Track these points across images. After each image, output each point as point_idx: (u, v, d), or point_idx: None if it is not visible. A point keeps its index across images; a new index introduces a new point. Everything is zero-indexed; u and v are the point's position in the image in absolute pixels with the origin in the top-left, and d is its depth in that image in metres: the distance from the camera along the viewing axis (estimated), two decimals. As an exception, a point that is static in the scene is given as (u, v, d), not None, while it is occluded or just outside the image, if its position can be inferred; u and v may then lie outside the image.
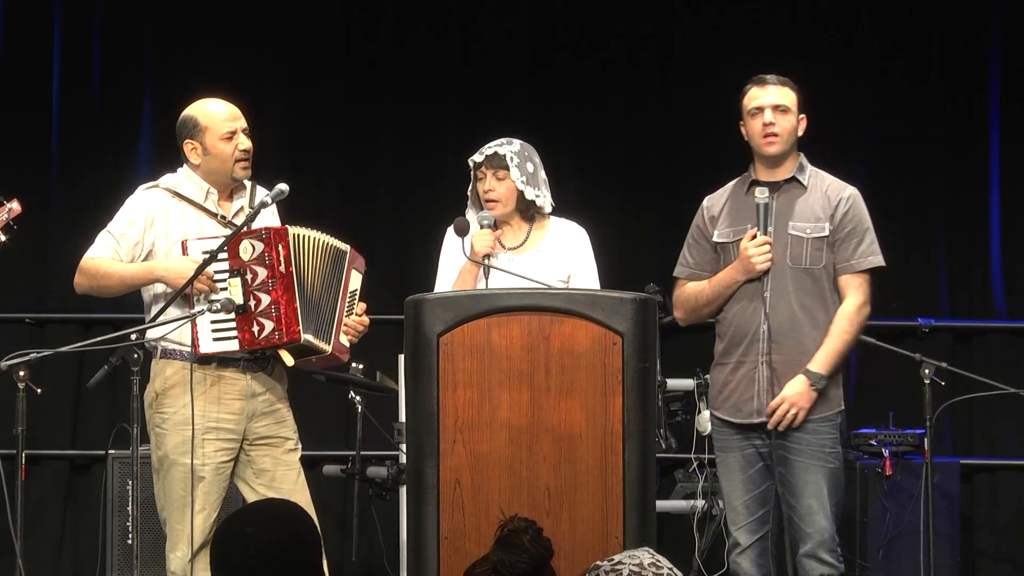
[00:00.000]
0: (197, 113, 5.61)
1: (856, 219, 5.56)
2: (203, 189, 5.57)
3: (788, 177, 5.56)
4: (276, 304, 5.38)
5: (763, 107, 5.54)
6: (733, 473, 5.52)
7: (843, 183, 5.62)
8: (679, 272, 5.70)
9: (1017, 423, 8.13)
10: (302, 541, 3.50)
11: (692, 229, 5.71)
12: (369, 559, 7.72)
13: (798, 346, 5.46)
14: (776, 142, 5.53)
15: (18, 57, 8.36)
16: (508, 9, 8.46)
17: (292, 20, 8.43)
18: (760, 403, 5.45)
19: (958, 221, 8.36)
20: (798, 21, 8.43)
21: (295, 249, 5.43)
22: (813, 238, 5.50)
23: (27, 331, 8.19)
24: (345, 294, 5.57)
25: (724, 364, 5.56)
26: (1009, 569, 8.02)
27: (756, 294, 5.49)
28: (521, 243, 5.65)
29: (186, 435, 5.42)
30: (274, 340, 5.39)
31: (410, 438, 4.58)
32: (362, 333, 5.64)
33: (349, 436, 7.63)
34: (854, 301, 5.52)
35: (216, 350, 5.43)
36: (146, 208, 5.56)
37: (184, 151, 5.60)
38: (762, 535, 5.49)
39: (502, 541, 4.22)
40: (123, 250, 5.53)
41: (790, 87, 5.60)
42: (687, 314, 5.69)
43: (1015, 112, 8.31)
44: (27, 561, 5.95)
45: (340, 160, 8.39)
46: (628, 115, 8.43)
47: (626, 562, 3.41)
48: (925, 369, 6.20)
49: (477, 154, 5.65)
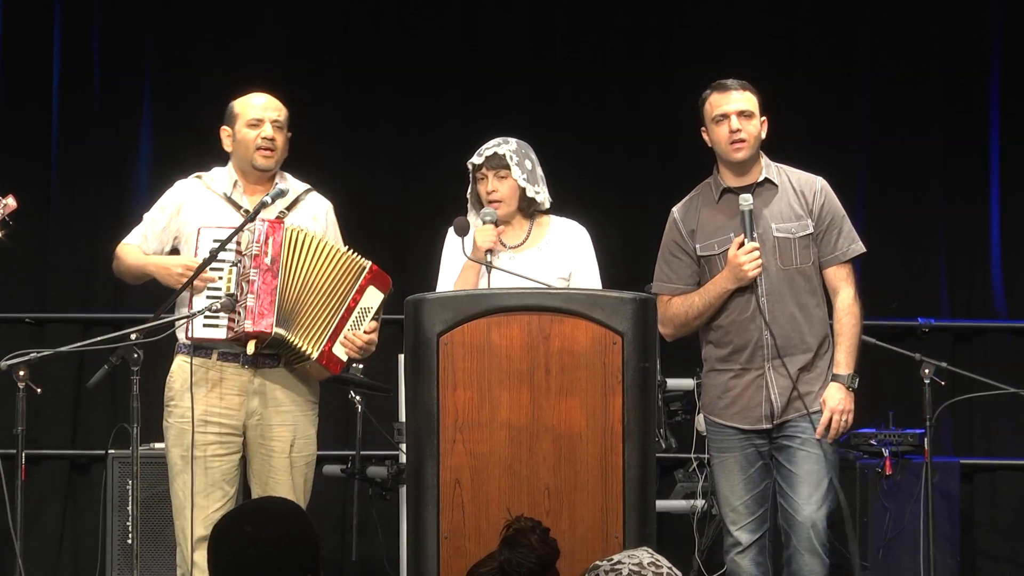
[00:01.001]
0: (236, 102, 5.72)
1: (833, 210, 5.57)
2: (231, 181, 5.64)
3: (760, 180, 5.56)
4: (252, 294, 5.38)
5: (728, 114, 5.52)
6: (733, 474, 5.52)
7: (810, 175, 5.61)
8: (660, 289, 5.63)
9: (1017, 423, 8.13)
10: (300, 539, 3.50)
11: (667, 243, 5.66)
12: (369, 559, 7.72)
13: (802, 345, 5.48)
14: (743, 148, 5.51)
15: (18, 57, 8.36)
16: (508, 6, 8.46)
17: (292, 20, 8.43)
18: (771, 408, 5.45)
19: (958, 221, 8.36)
20: (798, 20, 8.42)
21: (290, 245, 5.43)
22: (800, 237, 5.51)
23: (27, 331, 8.19)
24: (352, 307, 5.52)
25: (723, 371, 5.54)
26: (1009, 569, 8.02)
27: (750, 301, 5.47)
28: (522, 242, 5.65)
29: (183, 427, 5.48)
30: (243, 329, 5.38)
31: (410, 438, 4.58)
32: (363, 350, 5.56)
33: (349, 436, 7.63)
34: (849, 292, 5.55)
35: (205, 336, 5.46)
36: (176, 196, 5.67)
37: (221, 138, 5.69)
38: (762, 534, 5.50)
39: (509, 541, 4.22)
40: (151, 236, 5.65)
41: (751, 91, 5.58)
42: (676, 329, 5.64)
43: (1015, 112, 8.31)
44: (27, 561, 5.95)
45: (339, 160, 8.38)
46: (628, 115, 8.43)
47: (625, 561, 3.42)
48: (925, 369, 6.20)
49: (476, 156, 5.65)
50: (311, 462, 5.65)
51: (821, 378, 5.50)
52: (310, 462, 5.63)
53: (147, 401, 5.53)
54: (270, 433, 5.55)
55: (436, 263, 5.71)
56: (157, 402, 5.67)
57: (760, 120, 5.56)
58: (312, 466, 5.66)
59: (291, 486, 5.55)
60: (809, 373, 5.49)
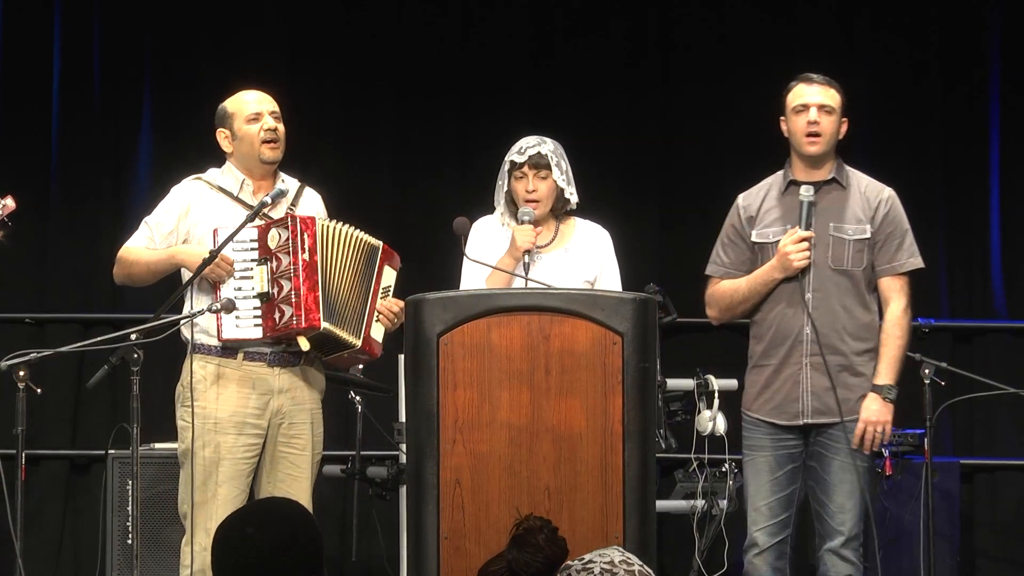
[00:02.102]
0: (227, 102, 5.72)
1: (896, 221, 5.57)
2: (239, 180, 5.64)
3: (828, 178, 5.56)
4: (296, 291, 5.38)
5: (808, 105, 5.53)
6: (761, 473, 5.51)
7: (881, 184, 5.63)
8: (712, 271, 5.68)
9: (1017, 423, 8.13)
10: (302, 541, 3.49)
11: (726, 227, 5.69)
12: (369, 559, 7.72)
13: (841, 346, 5.48)
14: (818, 142, 5.52)
15: (18, 58, 8.36)
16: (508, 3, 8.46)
17: (292, 18, 8.43)
18: (805, 405, 5.45)
19: (958, 221, 8.35)
20: (798, 18, 8.42)
21: (322, 239, 5.45)
22: (855, 240, 5.51)
23: (27, 331, 8.18)
24: (377, 289, 5.56)
25: (764, 366, 5.55)
26: (1009, 569, 8.02)
27: (796, 296, 5.48)
28: (549, 242, 5.65)
29: (210, 427, 5.47)
30: (292, 326, 5.39)
31: (410, 438, 4.58)
32: (399, 316, 5.54)
33: (349, 436, 7.63)
34: (900, 304, 5.53)
35: (238, 336, 5.45)
36: (182, 197, 5.64)
37: (218, 141, 5.67)
38: (782, 538, 5.50)
39: (517, 540, 4.22)
40: (157, 238, 5.61)
41: (836, 89, 5.59)
42: (721, 313, 5.67)
43: (1015, 111, 8.30)
44: (27, 561, 5.95)
45: (339, 159, 8.38)
46: (628, 114, 8.42)
47: (597, 560, 3.44)
48: (925, 369, 6.20)
49: (517, 154, 5.60)
50: (320, 460, 5.68)
51: (861, 387, 5.50)
52: (319, 460, 5.66)
53: (147, 401, 5.53)
54: (294, 431, 5.56)
55: (435, 262, 5.71)
56: (157, 402, 5.67)
57: (840, 120, 5.56)
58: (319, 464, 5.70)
59: (310, 485, 5.57)
60: (850, 378, 5.49)
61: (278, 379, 5.53)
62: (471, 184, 7.58)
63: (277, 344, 5.49)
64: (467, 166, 8.13)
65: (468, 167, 8.08)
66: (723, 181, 8.23)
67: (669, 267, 8.11)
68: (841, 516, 5.42)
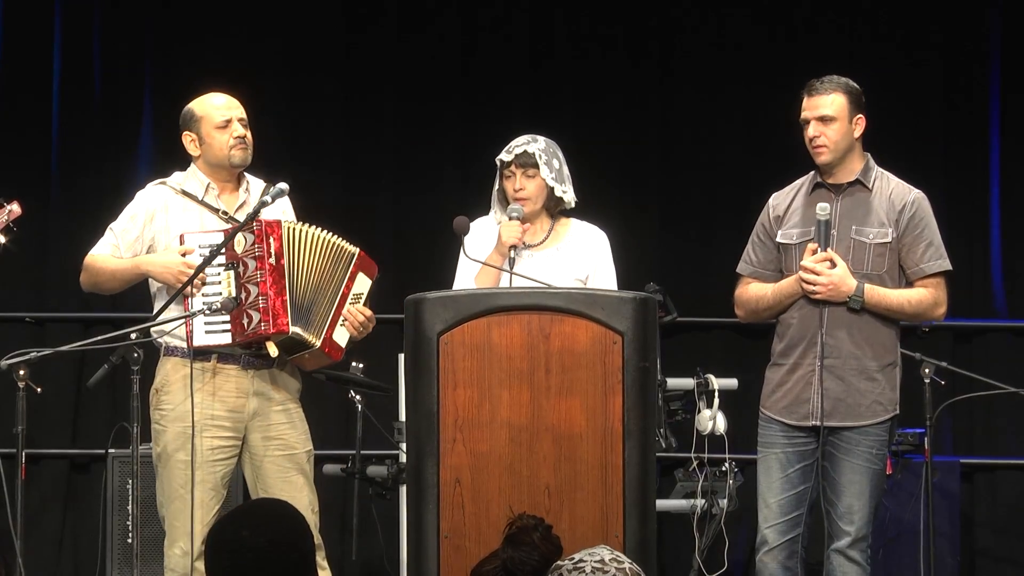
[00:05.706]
0: (194, 105, 5.68)
1: (921, 224, 5.56)
2: (203, 184, 5.60)
3: (852, 180, 5.56)
4: (264, 296, 5.37)
5: (808, 120, 5.54)
6: (772, 470, 5.52)
7: (908, 187, 5.61)
8: (743, 270, 5.69)
9: (1017, 423, 8.13)
10: (296, 543, 3.49)
11: (757, 227, 5.70)
12: (369, 559, 7.72)
13: (857, 351, 5.48)
14: (823, 152, 5.53)
15: (18, 55, 8.35)
16: (508, 6, 8.46)
17: (292, 17, 8.42)
18: (815, 407, 5.46)
19: (958, 221, 8.35)
20: (798, 20, 8.42)
21: (288, 242, 5.43)
22: (876, 244, 5.50)
23: (27, 331, 8.18)
24: (347, 294, 5.54)
25: (781, 364, 5.57)
26: (1009, 569, 8.02)
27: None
28: (541, 241, 5.65)
29: (183, 430, 5.44)
30: (261, 331, 5.38)
31: (410, 437, 4.59)
32: (363, 326, 5.55)
33: (349, 435, 7.63)
34: (931, 293, 5.54)
35: (208, 343, 5.44)
36: (147, 204, 5.61)
37: (184, 143, 5.63)
38: (792, 537, 5.49)
39: (512, 539, 4.21)
40: (123, 245, 5.58)
41: (840, 90, 5.56)
42: (747, 315, 5.70)
43: (1015, 111, 8.30)
44: (27, 561, 5.95)
45: (339, 158, 8.38)
46: (628, 115, 8.42)
47: (587, 559, 3.44)
48: (925, 369, 6.21)
49: (504, 153, 5.62)
50: (312, 456, 5.65)
51: (873, 393, 5.49)
52: (312, 456, 5.64)
53: (147, 401, 5.53)
54: (275, 432, 5.53)
55: (435, 262, 5.71)
56: (156, 402, 5.65)
57: (852, 120, 5.54)
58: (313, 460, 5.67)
59: (305, 482, 5.55)
60: (863, 383, 5.49)
61: (252, 382, 5.51)
62: (471, 185, 7.58)
63: (247, 348, 5.48)
64: (467, 167, 8.12)
65: (468, 168, 8.07)
66: (723, 181, 8.26)
67: (669, 267, 8.11)
68: (849, 517, 5.43)
